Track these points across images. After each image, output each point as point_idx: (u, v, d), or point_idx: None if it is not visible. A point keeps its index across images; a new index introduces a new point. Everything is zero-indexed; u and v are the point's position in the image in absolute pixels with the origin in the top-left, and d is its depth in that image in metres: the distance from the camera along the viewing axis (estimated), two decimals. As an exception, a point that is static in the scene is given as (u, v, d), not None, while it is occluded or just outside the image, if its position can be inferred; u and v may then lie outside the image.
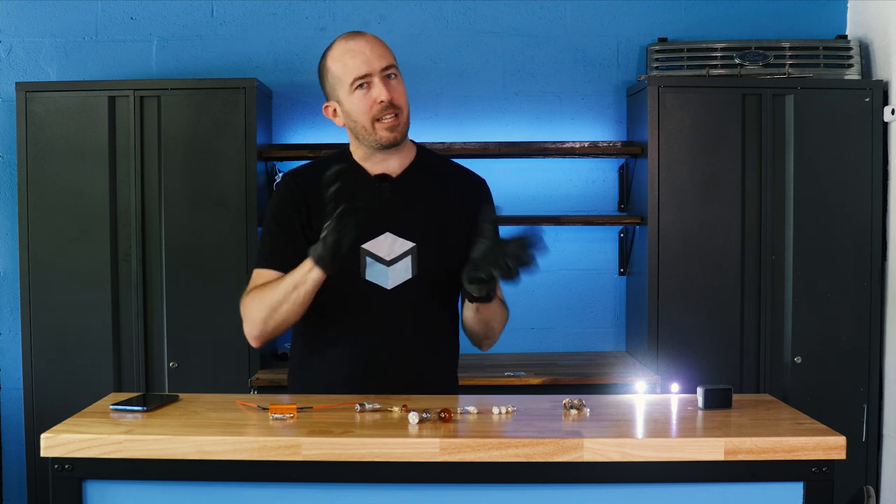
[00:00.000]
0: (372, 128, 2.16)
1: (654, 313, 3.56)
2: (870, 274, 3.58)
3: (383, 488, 1.73)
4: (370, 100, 2.15)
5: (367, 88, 2.15)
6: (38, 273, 3.58)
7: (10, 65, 3.91)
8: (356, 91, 2.16)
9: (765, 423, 1.84)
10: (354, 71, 2.15)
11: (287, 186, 2.24)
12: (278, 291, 2.09)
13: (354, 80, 2.15)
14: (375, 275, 2.17)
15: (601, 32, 3.95)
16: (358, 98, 2.16)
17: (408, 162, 2.25)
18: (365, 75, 2.14)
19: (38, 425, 3.49)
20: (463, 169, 2.34)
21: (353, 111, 2.17)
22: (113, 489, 1.75)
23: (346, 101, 2.18)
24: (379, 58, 2.16)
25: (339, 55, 2.18)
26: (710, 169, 3.56)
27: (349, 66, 2.15)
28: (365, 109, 2.16)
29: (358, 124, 2.18)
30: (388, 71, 2.17)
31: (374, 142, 2.18)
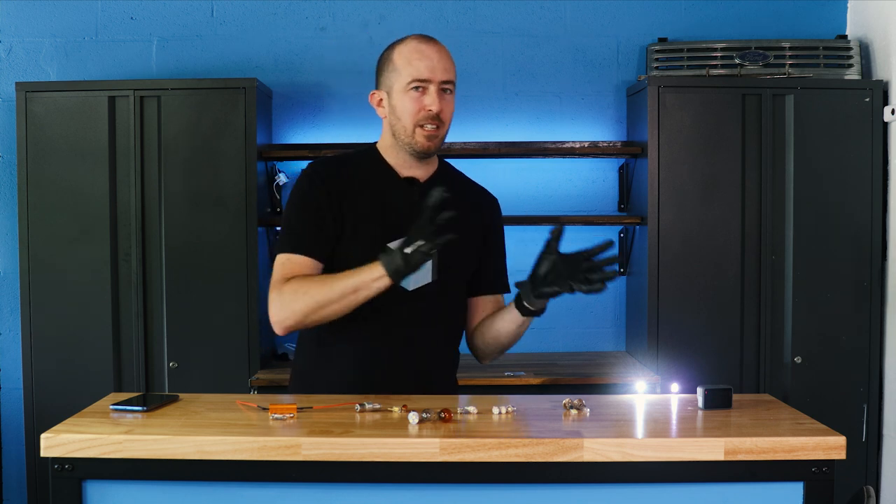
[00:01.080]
0: (412, 131, 2.17)
1: (654, 313, 3.56)
2: (870, 274, 3.58)
3: (383, 488, 1.73)
4: (420, 104, 2.16)
5: (421, 93, 2.16)
6: (38, 273, 3.58)
7: (10, 65, 3.91)
8: (410, 91, 2.16)
9: (765, 423, 1.84)
10: (416, 72, 2.15)
11: (316, 175, 2.22)
12: (333, 290, 2.06)
13: (414, 80, 2.16)
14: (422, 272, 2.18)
15: (601, 32, 3.95)
16: (410, 98, 2.17)
17: (432, 171, 2.28)
18: (426, 80, 2.15)
19: (38, 425, 3.50)
20: (479, 186, 2.38)
21: (401, 109, 2.18)
22: (113, 489, 1.75)
23: (397, 96, 2.18)
24: (444, 70, 2.17)
25: (407, 52, 2.18)
26: (710, 169, 3.56)
27: (414, 66, 2.16)
28: (413, 112, 2.17)
29: (400, 122, 2.19)
30: (446, 85, 2.18)
31: (410, 145, 2.19)
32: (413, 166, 2.24)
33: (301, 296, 2.09)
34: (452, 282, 2.25)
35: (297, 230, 2.18)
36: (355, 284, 2.05)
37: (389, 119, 2.21)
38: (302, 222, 2.18)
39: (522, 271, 4.10)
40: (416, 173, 2.25)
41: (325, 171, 2.23)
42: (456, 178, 2.33)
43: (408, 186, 2.23)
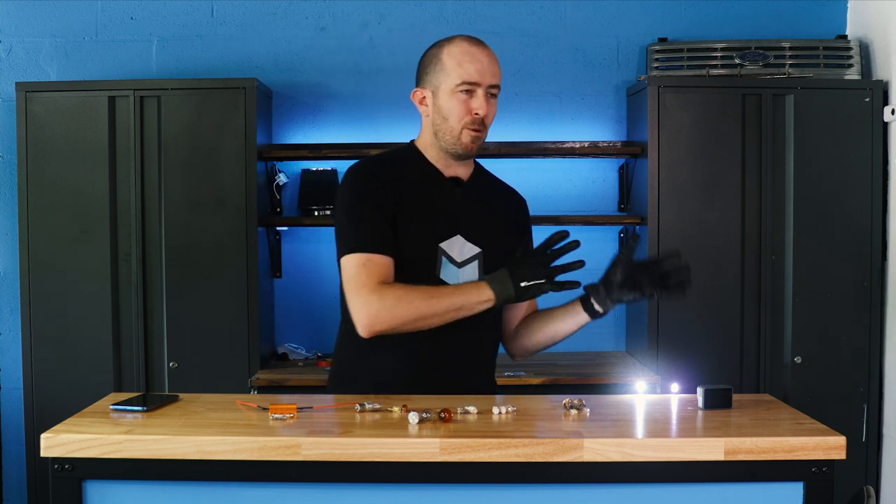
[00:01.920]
0: (459, 132, 2.17)
1: (654, 313, 3.56)
2: (870, 274, 3.58)
3: (383, 488, 1.73)
4: (468, 107, 2.16)
5: (469, 95, 2.16)
6: (38, 273, 3.58)
7: (10, 65, 3.91)
8: (459, 93, 2.16)
9: (765, 423, 1.84)
10: (468, 75, 2.15)
11: (371, 174, 2.17)
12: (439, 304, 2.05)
13: (464, 82, 2.15)
14: (448, 275, 2.18)
15: (601, 32, 3.95)
16: (458, 100, 2.16)
17: (470, 171, 2.29)
18: (475, 83, 2.15)
19: (38, 425, 3.50)
20: (510, 187, 2.39)
21: (448, 110, 2.17)
22: (113, 489, 1.75)
23: (445, 97, 2.17)
24: (493, 74, 2.18)
25: (458, 53, 2.17)
26: (710, 169, 3.56)
27: (465, 68, 2.15)
28: (460, 114, 2.16)
29: (446, 123, 2.18)
30: (494, 89, 2.19)
31: (454, 146, 2.19)
32: (454, 166, 2.25)
33: (406, 304, 2.05)
34: None
35: (369, 228, 2.12)
36: (461, 303, 2.06)
37: (433, 118, 2.20)
38: (372, 220, 2.13)
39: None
40: (459, 172, 2.26)
41: (377, 169, 2.19)
42: (490, 179, 2.35)
43: (453, 186, 2.24)
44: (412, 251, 2.16)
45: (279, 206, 3.83)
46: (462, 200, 2.23)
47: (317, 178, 3.82)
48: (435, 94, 2.19)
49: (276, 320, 3.95)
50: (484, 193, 2.29)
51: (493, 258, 2.22)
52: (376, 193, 2.14)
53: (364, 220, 2.13)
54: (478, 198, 2.26)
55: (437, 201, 2.21)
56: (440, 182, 2.23)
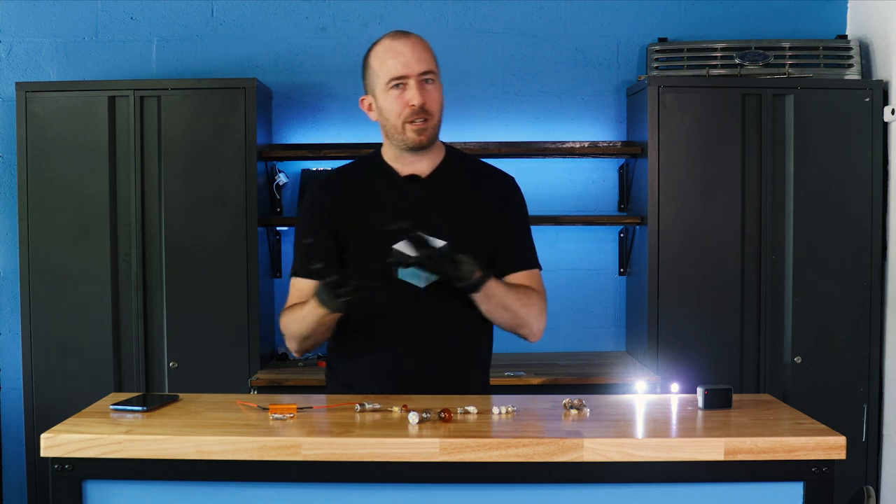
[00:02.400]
0: (402, 128, 2.19)
1: (654, 313, 3.56)
2: (870, 274, 3.58)
3: (383, 488, 1.73)
4: (403, 101, 2.18)
5: (401, 90, 2.18)
6: (38, 273, 3.58)
7: (10, 65, 3.91)
8: (391, 91, 2.18)
9: (765, 423, 1.84)
10: (392, 71, 2.17)
11: (319, 195, 2.28)
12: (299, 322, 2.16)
13: (391, 79, 2.17)
14: (409, 274, 2.18)
15: (601, 32, 3.95)
16: (392, 98, 2.18)
17: (437, 163, 2.28)
18: (401, 76, 2.17)
19: (38, 425, 3.49)
20: (491, 168, 2.37)
21: (386, 110, 2.20)
22: (113, 489, 1.75)
23: (380, 98, 2.20)
24: (419, 61, 2.18)
25: (381, 52, 2.20)
26: (710, 169, 3.56)
27: (388, 66, 2.18)
28: (397, 110, 2.18)
29: (389, 122, 2.21)
30: (425, 76, 2.19)
31: (403, 142, 2.21)
32: (413, 163, 2.25)
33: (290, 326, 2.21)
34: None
35: (302, 254, 2.27)
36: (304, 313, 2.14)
37: (380, 121, 2.24)
38: (306, 244, 2.26)
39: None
40: (419, 169, 2.26)
41: (328, 185, 2.28)
42: (464, 165, 2.32)
43: (409, 184, 2.24)
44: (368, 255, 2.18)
45: (279, 206, 3.83)
46: (421, 196, 2.23)
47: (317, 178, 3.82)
48: (375, 98, 2.22)
49: (276, 320, 3.95)
50: (452, 183, 2.27)
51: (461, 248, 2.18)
52: (317, 215, 2.26)
53: (302, 245, 2.28)
54: (443, 189, 2.25)
55: (393, 202, 2.23)
56: (396, 182, 2.25)
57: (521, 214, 2.36)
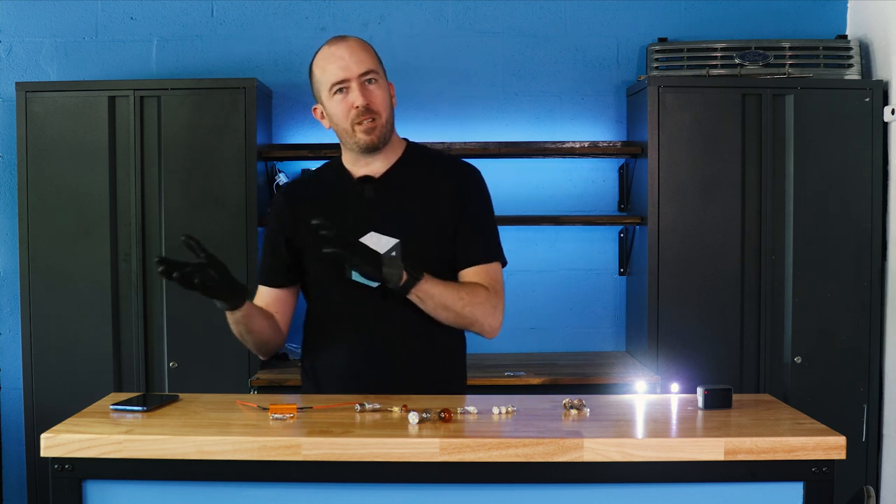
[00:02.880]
0: (352, 131, 2.21)
1: (654, 313, 3.56)
2: (870, 274, 3.58)
3: (383, 488, 1.73)
4: (348, 104, 2.20)
5: (345, 93, 2.20)
6: (38, 273, 3.58)
7: (10, 65, 3.91)
8: (335, 96, 2.21)
9: (765, 423, 1.84)
10: (332, 76, 2.20)
11: (276, 205, 2.38)
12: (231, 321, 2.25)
13: (332, 84, 2.20)
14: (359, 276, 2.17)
15: (601, 32, 3.95)
16: (337, 102, 2.21)
17: (392, 162, 2.28)
18: (342, 80, 2.19)
19: (38, 425, 3.49)
20: (452, 161, 2.35)
21: (333, 115, 2.23)
22: (113, 489, 1.75)
23: (327, 104, 2.23)
24: (358, 63, 2.19)
25: (321, 60, 2.23)
26: (710, 169, 3.56)
27: (328, 71, 2.20)
28: (343, 114, 2.21)
29: (339, 127, 2.24)
30: (367, 76, 2.20)
31: (355, 145, 2.23)
32: (369, 163, 2.27)
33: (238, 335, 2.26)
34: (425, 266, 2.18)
35: (261, 261, 2.39)
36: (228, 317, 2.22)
37: (332, 128, 2.27)
38: (264, 252, 2.37)
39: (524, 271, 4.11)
40: (373, 169, 2.27)
41: (287, 192, 2.37)
42: (422, 161, 2.30)
43: (360, 185, 2.26)
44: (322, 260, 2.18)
45: (279, 206, 3.83)
46: (374, 196, 2.25)
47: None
48: (324, 106, 2.25)
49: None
50: (407, 180, 2.26)
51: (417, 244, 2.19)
52: (273, 224, 2.35)
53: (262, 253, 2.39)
54: (397, 187, 2.25)
55: (346, 205, 2.26)
56: (349, 185, 2.28)
57: (481, 206, 2.30)
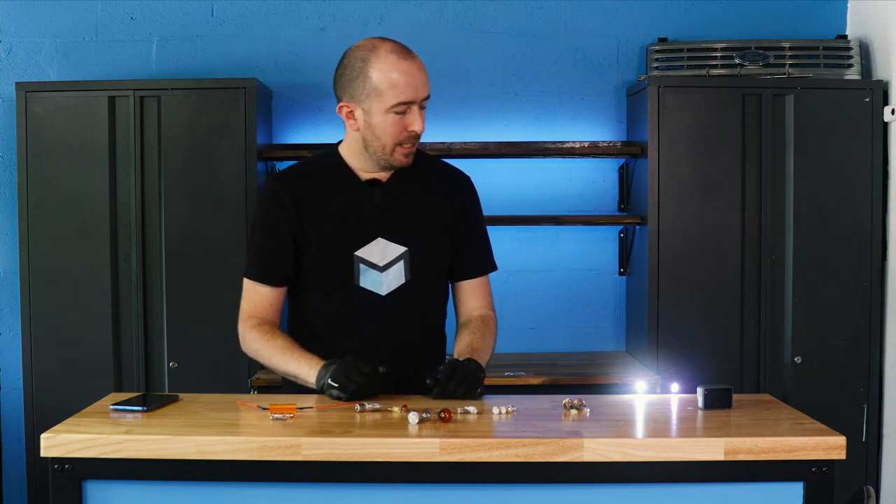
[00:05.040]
0: (392, 150, 2.14)
1: (654, 313, 3.56)
2: (870, 274, 3.58)
3: (383, 488, 1.73)
4: (402, 126, 2.11)
5: (405, 115, 2.10)
6: (38, 273, 3.57)
7: (10, 65, 3.91)
8: (392, 111, 2.09)
9: (765, 423, 1.84)
10: (401, 95, 2.08)
11: (276, 194, 2.21)
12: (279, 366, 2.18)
13: (399, 103, 2.09)
14: (370, 282, 2.17)
15: (601, 32, 3.95)
16: (392, 120, 2.10)
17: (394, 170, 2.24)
18: (410, 102, 2.10)
19: (38, 425, 3.49)
20: (448, 168, 2.33)
21: (381, 129, 2.12)
22: (113, 489, 1.75)
23: (377, 115, 2.11)
24: (424, 86, 2.12)
25: (388, 68, 2.08)
26: (710, 169, 3.56)
27: (398, 87, 2.08)
28: (394, 133, 2.12)
29: (378, 141, 2.13)
30: (425, 101, 2.14)
31: (386, 161, 2.16)
32: (377, 169, 2.21)
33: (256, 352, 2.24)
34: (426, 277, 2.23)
35: (257, 257, 2.25)
36: (295, 374, 2.13)
37: (364, 134, 2.14)
38: (262, 247, 2.23)
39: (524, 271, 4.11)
40: (380, 174, 2.22)
41: (285, 189, 2.21)
42: (423, 168, 2.27)
43: (370, 189, 2.20)
44: (327, 262, 2.17)
45: (279, 206, 3.83)
46: (383, 201, 2.19)
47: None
48: (367, 113, 2.11)
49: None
50: (412, 187, 2.23)
51: (423, 254, 2.19)
52: (275, 217, 2.20)
53: (258, 246, 2.24)
54: (403, 194, 2.22)
55: (353, 208, 2.19)
56: (357, 187, 2.20)
57: (479, 215, 2.33)
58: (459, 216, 2.27)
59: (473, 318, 2.29)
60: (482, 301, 2.32)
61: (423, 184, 2.26)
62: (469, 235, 2.29)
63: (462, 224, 2.27)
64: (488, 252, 2.34)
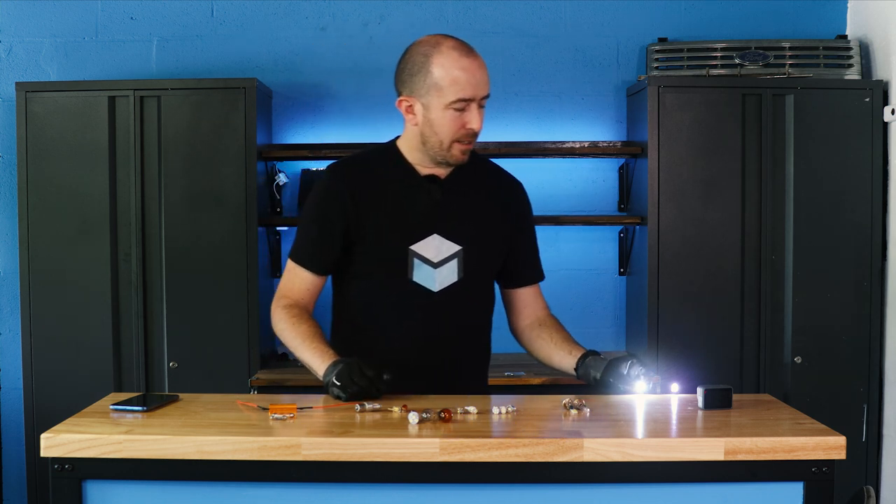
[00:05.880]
0: (449, 146, 2.14)
1: (654, 313, 3.56)
2: (870, 274, 3.58)
3: (383, 488, 1.73)
4: (461, 122, 2.11)
5: (463, 111, 2.11)
6: (38, 273, 3.58)
7: (10, 65, 3.91)
8: (451, 108, 2.10)
9: (765, 423, 1.84)
10: (461, 91, 2.09)
11: (333, 185, 2.21)
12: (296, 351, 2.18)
13: (459, 99, 2.09)
14: (422, 277, 2.17)
15: (601, 32, 3.95)
16: (451, 116, 2.11)
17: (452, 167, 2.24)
18: (469, 99, 2.10)
19: (38, 425, 3.49)
20: (503, 172, 2.35)
21: (439, 125, 2.12)
22: (113, 489, 1.75)
23: (436, 111, 2.11)
24: (485, 84, 2.13)
25: (450, 64, 2.09)
26: (710, 169, 3.56)
27: (459, 84, 2.08)
28: (452, 129, 2.12)
29: (436, 137, 2.14)
30: (484, 100, 2.15)
31: (443, 157, 2.16)
32: (434, 165, 2.22)
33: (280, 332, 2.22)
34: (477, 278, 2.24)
35: (305, 243, 2.24)
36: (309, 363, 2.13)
37: (422, 129, 2.15)
38: (310, 236, 2.22)
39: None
40: (437, 171, 2.22)
41: (344, 175, 2.21)
42: (478, 169, 2.28)
43: (428, 184, 2.21)
44: (382, 254, 2.18)
45: (279, 206, 3.83)
46: (440, 198, 2.20)
47: (317, 178, 3.82)
48: (427, 108, 2.12)
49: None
50: (468, 187, 2.24)
51: (477, 254, 2.20)
52: (329, 208, 2.20)
53: (307, 232, 2.24)
54: (460, 193, 2.23)
55: (411, 202, 2.19)
56: (415, 182, 2.21)
57: (532, 223, 2.38)
58: (518, 224, 2.31)
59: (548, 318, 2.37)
60: (544, 303, 2.40)
61: (480, 185, 2.27)
62: (527, 244, 2.34)
63: (521, 232, 2.32)
64: (539, 261, 2.40)
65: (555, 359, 2.29)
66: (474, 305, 2.27)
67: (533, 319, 2.36)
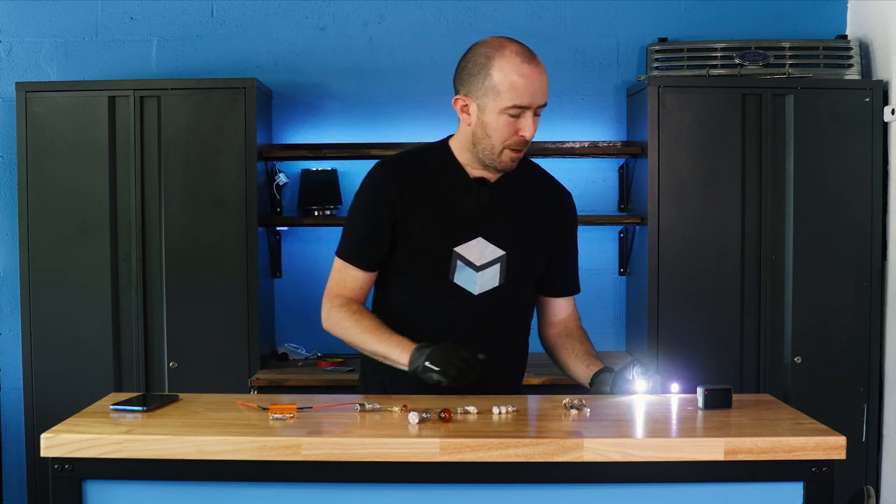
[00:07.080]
0: (500, 151, 2.13)
1: (654, 313, 3.56)
2: (870, 274, 3.58)
3: (383, 488, 1.73)
4: (514, 129, 2.10)
5: (518, 118, 2.09)
6: (38, 273, 3.58)
7: (10, 65, 3.91)
8: (506, 113, 2.09)
9: (765, 423, 1.84)
10: (518, 98, 2.07)
11: (383, 182, 2.20)
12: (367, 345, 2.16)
13: (514, 105, 2.08)
14: (464, 279, 2.17)
15: (601, 32, 3.95)
16: (505, 121, 2.09)
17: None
18: (525, 106, 2.08)
19: (38, 425, 3.49)
20: (552, 180, 2.35)
21: (493, 129, 2.11)
22: (113, 489, 1.75)
23: (490, 114, 2.10)
24: (543, 93, 2.11)
25: (510, 69, 2.07)
26: (710, 169, 3.56)
27: (517, 89, 2.06)
28: (505, 135, 2.11)
29: (488, 140, 2.13)
30: (541, 109, 2.13)
31: (493, 162, 2.16)
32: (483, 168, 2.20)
33: (342, 330, 2.20)
34: (518, 284, 2.24)
35: (354, 239, 2.22)
36: (384, 354, 2.12)
37: (474, 130, 2.14)
38: (359, 233, 2.21)
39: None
40: (487, 174, 2.21)
41: (392, 176, 2.19)
42: (528, 175, 2.28)
43: (477, 187, 2.20)
44: (425, 254, 2.17)
45: (279, 206, 3.83)
46: (487, 201, 2.19)
47: (317, 178, 3.82)
48: (482, 110, 2.11)
49: (276, 320, 3.95)
50: (516, 192, 2.23)
51: (519, 260, 2.21)
52: (377, 205, 2.18)
53: (356, 229, 2.22)
54: (508, 198, 2.22)
55: (458, 203, 2.18)
56: (464, 183, 2.20)
57: (576, 235, 2.37)
58: (562, 234, 2.31)
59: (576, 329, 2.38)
60: (576, 314, 2.41)
61: (528, 191, 2.26)
62: (570, 255, 2.35)
63: (564, 244, 2.32)
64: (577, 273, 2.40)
65: (573, 370, 2.31)
66: (513, 310, 2.27)
67: (562, 329, 2.38)
